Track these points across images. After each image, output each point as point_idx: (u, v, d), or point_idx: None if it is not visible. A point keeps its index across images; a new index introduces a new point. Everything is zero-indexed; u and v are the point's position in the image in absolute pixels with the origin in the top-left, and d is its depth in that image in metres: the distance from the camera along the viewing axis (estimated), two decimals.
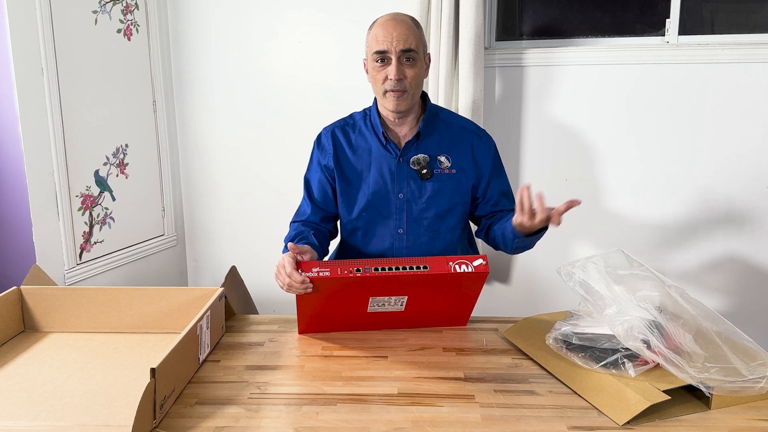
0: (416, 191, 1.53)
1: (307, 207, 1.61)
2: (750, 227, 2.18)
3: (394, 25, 1.45)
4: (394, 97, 1.46)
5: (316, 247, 1.45)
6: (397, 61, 1.44)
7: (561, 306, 2.17)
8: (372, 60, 1.47)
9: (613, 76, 2.16)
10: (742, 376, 1.05)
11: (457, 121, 1.59)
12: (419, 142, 1.53)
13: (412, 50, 1.44)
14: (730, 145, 2.14)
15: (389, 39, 1.43)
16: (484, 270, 1.28)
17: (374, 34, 1.46)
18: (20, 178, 1.83)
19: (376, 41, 1.45)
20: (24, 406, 1.07)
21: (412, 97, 1.48)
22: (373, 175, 1.54)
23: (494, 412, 1.05)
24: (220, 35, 2.36)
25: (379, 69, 1.46)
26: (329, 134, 1.59)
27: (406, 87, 1.45)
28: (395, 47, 1.43)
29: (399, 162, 1.53)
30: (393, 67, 1.44)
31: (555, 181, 2.27)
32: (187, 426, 1.02)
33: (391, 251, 1.57)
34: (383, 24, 1.46)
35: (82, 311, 1.38)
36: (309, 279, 1.24)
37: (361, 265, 1.26)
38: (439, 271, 1.27)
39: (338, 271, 1.25)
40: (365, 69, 1.53)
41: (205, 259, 2.57)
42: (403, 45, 1.43)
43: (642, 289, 1.19)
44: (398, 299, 1.32)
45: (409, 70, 1.45)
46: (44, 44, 1.84)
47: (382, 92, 1.48)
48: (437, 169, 1.53)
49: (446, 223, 1.56)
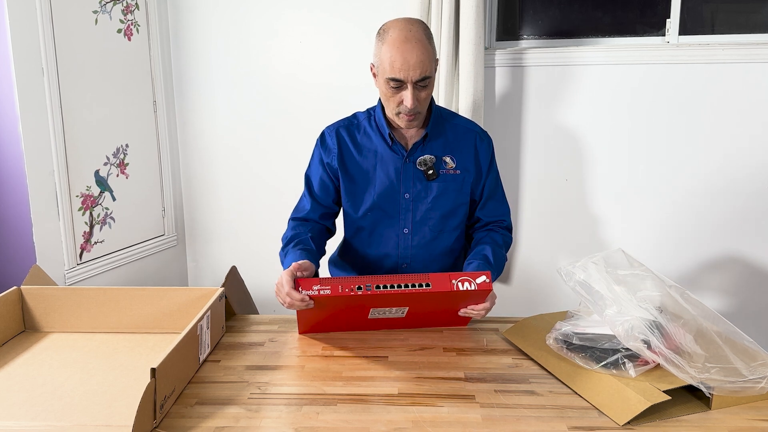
0: (422, 191, 1.54)
1: (307, 203, 1.59)
2: (750, 227, 2.18)
3: (411, 50, 1.38)
4: (407, 119, 1.46)
5: (313, 253, 1.46)
6: (413, 88, 1.41)
7: (561, 306, 2.18)
8: (385, 81, 1.43)
9: (613, 76, 2.16)
10: (743, 377, 1.05)
11: (460, 123, 1.59)
12: (425, 144, 1.53)
13: (427, 77, 1.41)
14: (730, 144, 2.14)
15: (406, 68, 1.38)
16: (487, 287, 1.27)
17: (389, 57, 1.39)
18: (20, 178, 1.83)
19: (391, 67, 1.39)
20: (24, 406, 1.07)
21: (423, 115, 1.49)
22: (380, 176, 1.54)
23: (494, 412, 1.05)
24: (220, 35, 2.36)
25: (393, 92, 1.43)
26: (333, 133, 1.58)
27: (419, 110, 1.45)
28: (411, 77, 1.39)
29: (405, 163, 1.53)
30: (409, 95, 1.41)
31: (555, 181, 2.27)
32: (187, 426, 1.02)
33: (396, 251, 1.57)
34: (399, 47, 1.38)
35: (82, 311, 1.38)
36: (309, 297, 1.25)
37: (363, 283, 1.25)
38: (441, 289, 1.25)
39: (339, 289, 1.24)
40: (372, 73, 1.50)
41: (205, 259, 2.57)
42: (419, 75, 1.39)
43: (642, 289, 1.19)
44: (399, 309, 1.33)
45: (423, 93, 1.43)
46: (44, 44, 1.84)
47: (394, 112, 1.47)
48: (442, 169, 1.54)
49: (450, 223, 1.57)
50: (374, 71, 1.49)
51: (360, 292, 1.24)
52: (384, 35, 1.42)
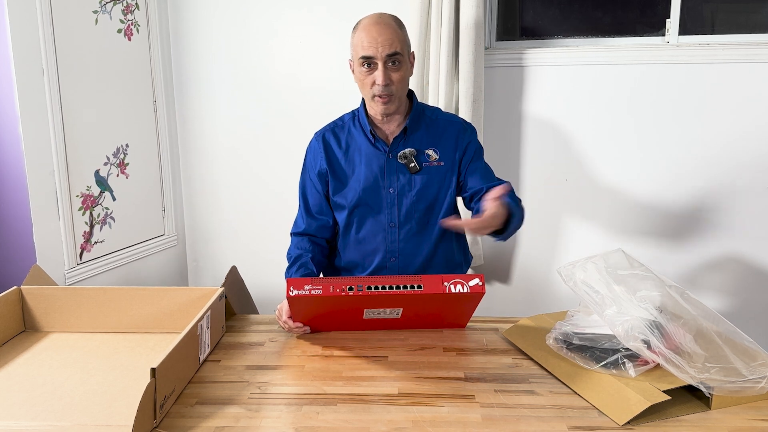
0: (406, 185, 1.56)
1: (302, 220, 1.65)
2: (750, 227, 2.18)
3: (379, 30, 1.46)
4: (381, 102, 1.50)
5: (314, 276, 1.53)
6: (384, 66, 1.46)
7: (561, 306, 2.17)
8: (358, 64, 1.50)
9: (613, 76, 2.16)
10: (743, 376, 1.05)
11: (442, 116, 1.63)
12: (406, 138, 1.57)
13: (397, 53, 1.47)
14: (730, 144, 2.14)
15: (374, 44, 1.45)
16: (480, 290, 1.27)
17: (359, 39, 1.48)
18: (20, 178, 1.83)
19: (361, 46, 1.47)
20: (24, 406, 1.07)
21: (399, 99, 1.52)
22: (364, 172, 1.57)
23: (494, 412, 1.05)
24: (220, 35, 2.36)
25: (366, 74, 1.49)
26: (320, 138, 1.63)
27: (392, 91, 1.49)
28: (381, 53, 1.45)
29: (388, 158, 1.56)
30: (380, 72, 1.46)
31: (555, 181, 2.27)
32: (187, 426, 1.02)
33: (384, 245, 1.60)
34: (368, 28, 1.47)
35: (82, 311, 1.38)
36: (303, 324, 1.34)
37: (354, 284, 1.25)
38: (433, 291, 1.26)
39: (330, 290, 1.25)
40: (351, 70, 1.56)
41: (206, 259, 2.57)
42: (388, 50, 1.45)
43: (642, 289, 1.19)
44: (393, 311, 1.33)
45: (395, 74, 1.48)
46: (45, 44, 1.84)
47: (370, 96, 1.52)
48: (425, 162, 1.57)
49: (436, 215, 1.59)
50: (352, 66, 1.55)
51: (351, 293, 1.24)
52: (356, 26, 1.52)
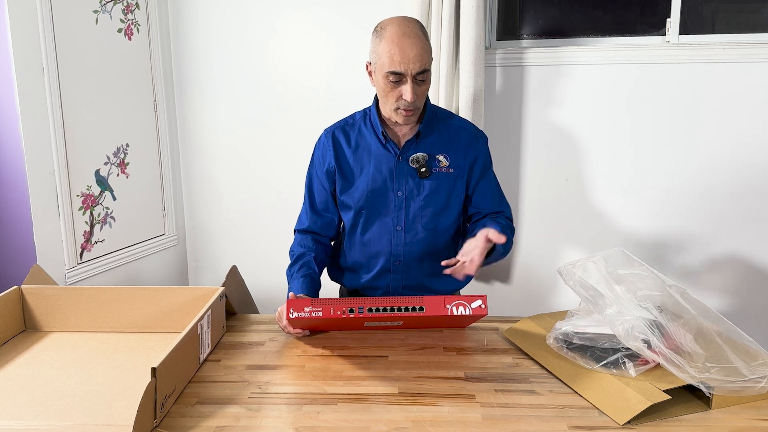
0: (414, 189, 1.55)
1: (307, 216, 1.64)
2: (750, 227, 2.18)
3: (410, 44, 1.40)
4: (405, 115, 1.47)
5: (315, 279, 1.53)
6: (412, 82, 1.42)
7: (561, 306, 2.18)
8: (383, 76, 1.44)
9: (613, 75, 2.16)
10: (743, 376, 1.05)
11: (455, 122, 1.60)
12: (419, 142, 1.54)
13: (426, 70, 1.44)
14: (730, 144, 2.14)
15: (405, 61, 1.40)
16: (482, 312, 1.27)
17: (389, 52, 1.41)
18: (21, 178, 1.83)
19: (391, 61, 1.41)
20: (25, 406, 1.07)
21: (419, 109, 1.50)
22: (372, 173, 1.55)
23: (495, 411, 1.05)
24: (220, 35, 2.36)
25: (393, 87, 1.44)
26: (330, 135, 1.60)
27: (418, 105, 1.47)
28: (411, 70, 1.41)
29: (398, 160, 1.54)
30: (409, 90, 1.42)
31: (555, 181, 2.27)
32: (187, 426, 1.02)
33: (389, 248, 1.58)
34: (399, 42, 1.40)
35: (82, 311, 1.38)
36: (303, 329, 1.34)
37: (355, 305, 1.25)
38: (435, 313, 1.26)
39: (330, 311, 1.25)
40: (368, 72, 1.51)
41: (206, 259, 2.57)
42: (419, 68, 1.41)
43: (642, 288, 1.19)
44: (394, 323, 1.34)
45: (421, 88, 1.45)
46: (45, 44, 1.84)
47: (392, 108, 1.47)
48: (436, 167, 1.54)
49: (443, 221, 1.57)
50: (370, 69, 1.50)
51: (352, 315, 1.24)
52: (381, 32, 1.44)
